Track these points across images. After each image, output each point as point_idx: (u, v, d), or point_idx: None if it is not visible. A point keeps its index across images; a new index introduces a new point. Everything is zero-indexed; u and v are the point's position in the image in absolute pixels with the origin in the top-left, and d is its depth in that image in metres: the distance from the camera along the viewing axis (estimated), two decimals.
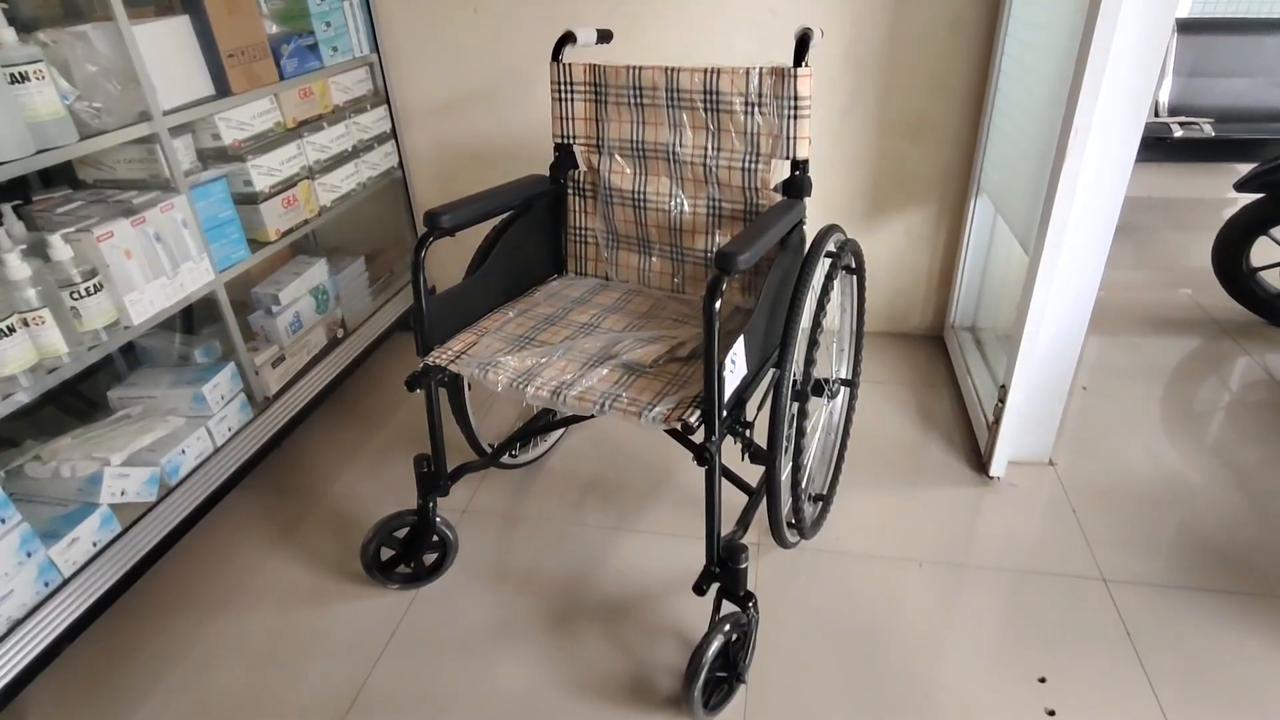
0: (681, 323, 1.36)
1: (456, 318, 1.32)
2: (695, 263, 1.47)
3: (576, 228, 1.55)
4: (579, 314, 1.39)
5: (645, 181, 1.45)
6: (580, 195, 1.53)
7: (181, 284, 1.46)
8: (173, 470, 1.45)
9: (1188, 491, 1.63)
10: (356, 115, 1.98)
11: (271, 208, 1.68)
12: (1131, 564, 1.45)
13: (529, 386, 1.15)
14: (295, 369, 1.80)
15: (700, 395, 1.09)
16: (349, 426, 1.97)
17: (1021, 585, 1.42)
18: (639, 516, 1.61)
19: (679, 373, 1.18)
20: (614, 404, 1.10)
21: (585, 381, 1.15)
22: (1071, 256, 1.42)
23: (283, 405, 1.74)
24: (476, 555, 1.53)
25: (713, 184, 1.39)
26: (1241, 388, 1.99)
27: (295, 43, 1.74)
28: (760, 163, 1.33)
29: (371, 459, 1.84)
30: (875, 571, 1.47)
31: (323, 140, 1.85)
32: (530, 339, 1.30)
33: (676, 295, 1.50)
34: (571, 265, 1.59)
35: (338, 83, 1.91)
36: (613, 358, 1.21)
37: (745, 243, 1.01)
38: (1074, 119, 1.27)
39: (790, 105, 1.26)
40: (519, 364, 1.20)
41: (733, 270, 0.98)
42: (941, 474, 1.71)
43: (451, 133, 2.21)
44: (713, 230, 1.43)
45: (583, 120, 1.45)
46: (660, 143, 1.40)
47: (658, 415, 1.06)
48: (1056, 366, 1.57)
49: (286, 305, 1.77)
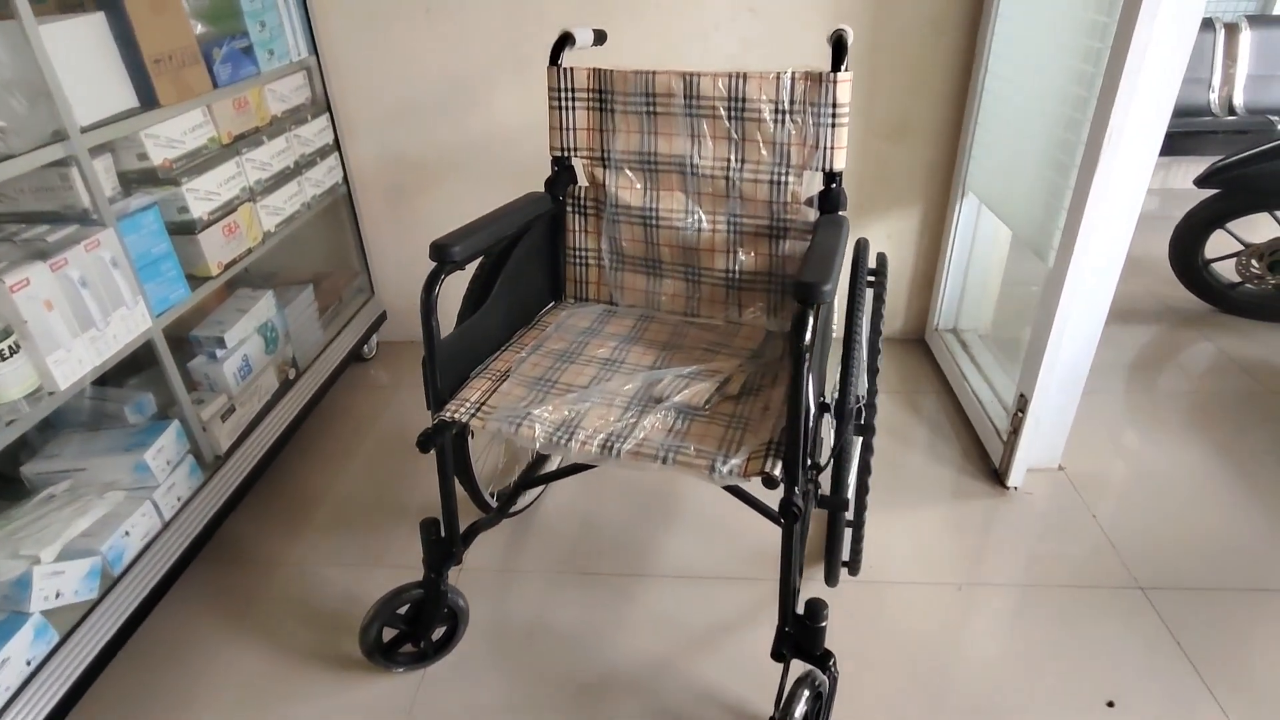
0: (714, 352, 1.24)
1: (464, 362, 1.16)
2: (714, 284, 1.35)
3: (576, 249, 1.41)
4: (597, 348, 1.25)
5: (657, 197, 1.32)
6: (580, 213, 1.38)
7: (114, 335, 1.22)
8: (116, 558, 1.22)
9: (1195, 486, 1.64)
10: (297, 127, 1.76)
11: (212, 238, 1.45)
12: (1163, 569, 1.44)
13: (572, 441, 1.00)
14: (247, 419, 1.57)
15: (774, 441, 0.97)
16: (310, 476, 1.74)
17: (1063, 602, 1.38)
18: (655, 558, 1.48)
19: (735, 413, 1.06)
20: (677, 456, 0.96)
21: (638, 432, 1.01)
22: (1093, 262, 1.39)
23: (236, 463, 1.51)
24: (483, 620, 1.36)
25: (735, 199, 1.28)
26: (1216, 376, 2.05)
27: (228, 45, 1.50)
28: (790, 175, 1.23)
29: (339, 510, 1.63)
30: (914, 599, 1.39)
31: (263, 156, 1.62)
32: (552, 381, 1.15)
33: (692, 319, 1.38)
34: (570, 290, 1.44)
35: (274, 91, 1.68)
36: (659, 400, 1.07)
37: (824, 269, 0.90)
38: (1109, 120, 1.23)
39: (828, 112, 1.16)
40: (554, 414, 1.04)
41: (819, 302, 0.87)
42: (956, 487, 1.66)
43: (401, 143, 2.01)
44: (734, 249, 1.31)
45: (585, 131, 1.31)
46: (675, 154, 1.28)
47: (733, 468, 0.94)
48: (1071, 373, 1.55)
49: (233, 348, 1.54)
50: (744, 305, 1.34)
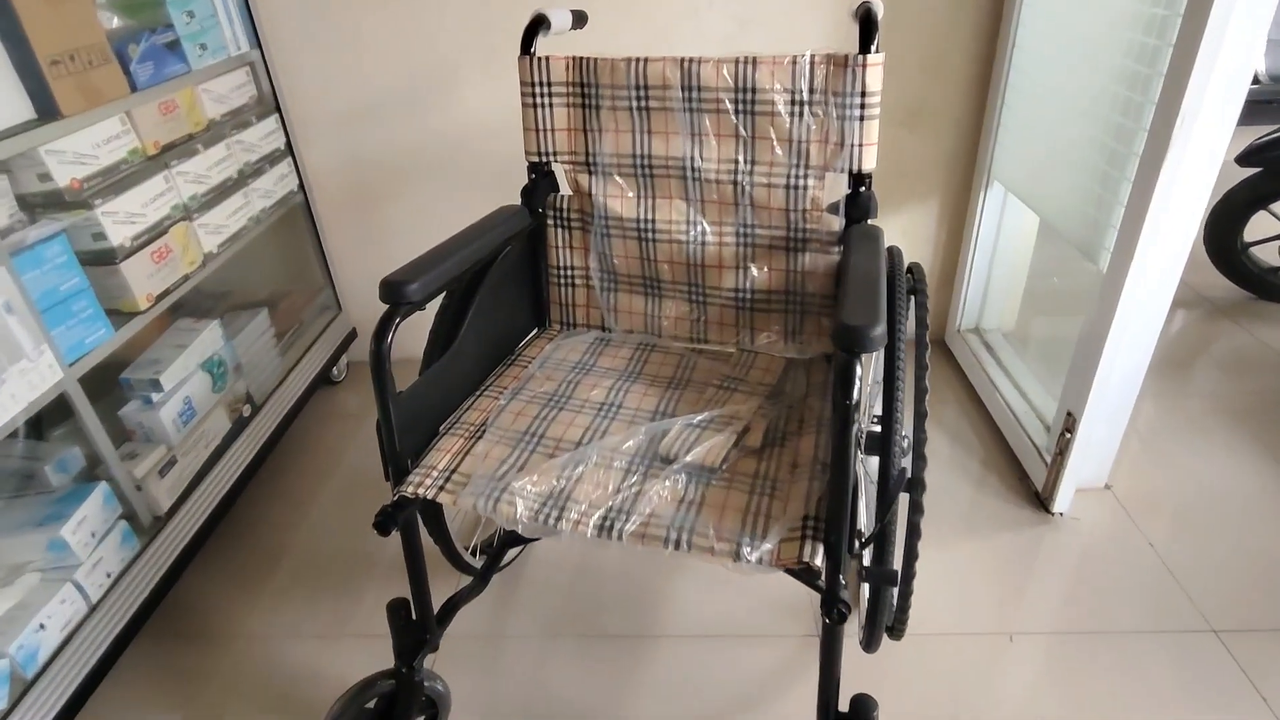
0: (728, 389, 1.05)
1: (431, 416, 0.97)
2: (722, 304, 1.16)
3: (560, 267, 1.21)
4: (590, 388, 1.06)
5: (653, 206, 1.13)
6: (564, 227, 1.19)
7: (13, 394, 1.03)
8: (28, 658, 1.03)
9: (1254, 503, 1.47)
10: (239, 131, 1.55)
11: (138, 266, 1.25)
12: (1234, 606, 1.27)
13: (563, 520, 0.81)
14: (192, 471, 1.37)
15: (812, 516, 0.79)
16: (270, 526, 1.56)
17: (1131, 651, 1.21)
18: (665, 614, 1.30)
19: (759, 473, 0.88)
20: (693, 539, 0.78)
21: (642, 504, 0.82)
22: (1156, 264, 1.21)
23: (181, 522, 1.31)
24: (469, 700, 1.18)
25: (744, 206, 1.09)
26: (1261, 372, 1.88)
27: (148, 41, 1.30)
28: (810, 177, 1.04)
29: (303, 566, 1.44)
30: (962, 655, 1.22)
31: (198, 168, 1.42)
32: (537, 435, 0.96)
33: (698, 344, 1.19)
34: (555, 314, 1.25)
35: (210, 91, 1.47)
36: (668, 460, 0.89)
37: (869, 306, 0.72)
38: (1180, 103, 1.05)
39: (855, 103, 0.97)
40: (540, 485, 0.86)
41: (871, 350, 0.68)
42: (995, 514, 1.49)
43: (363, 145, 1.80)
44: (744, 264, 1.12)
45: (566, 131, 1.11)
46: (673, 156, 1.09)
47: (764, 555, 0.75)
48: (1125, 385, 1.37)
49: (172, 390, 1.34)
50: (757, 329, 1.16)
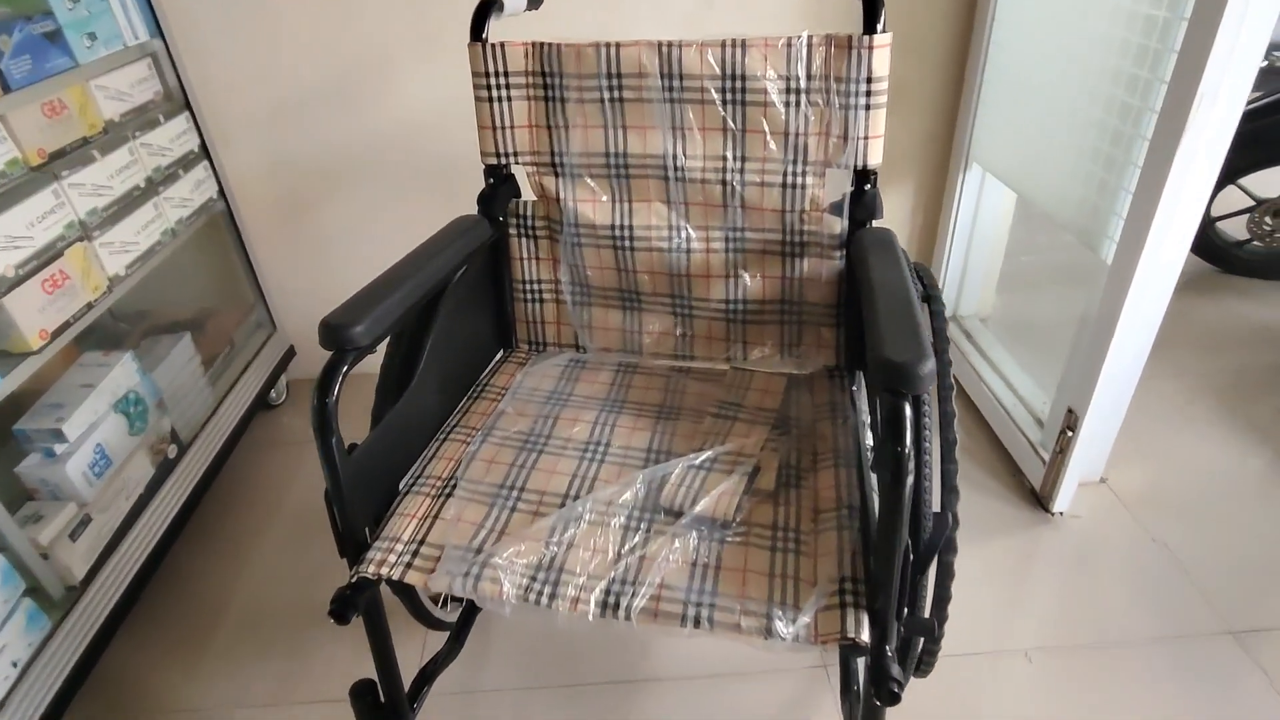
0: (727, 417, 0.94)
1: (389, 473, 0.83)
2: (710, 317, 1.04)
3: (526, 281, 1.08)
4: (570, 423, 0.93)
5: (630, 211, 1.00)
6: (529, 237, 1.05)
7: None
8: None
9: (1252, 488, 1.44)
10: (145, 133, 1.35)
11: (26, 298, 1.07)
12: (1248, 604, 1.23)
13: (557, 599, 0.69)
14: (110, 529, 1.20)
15: (849, 578, 0.68)
16: (209, 577, 1.39)
17: (1152, 663, 1.15)
18: (657, 655, 1.18)
19: (779, 525, 0.77)
20: (715, 615, 0.67)
21: (649, 572, 0.70)
22: (1164, 255, 1.14)
23: (101, 589, 1.14)
24: None
25: (734, 208, 0.97)
26: (1238, 348, 1.86)
27: (22, 31, 1.10)
28: (809, 175, 0.92)
29: (248, 622, 1.28)
30: (977, 676, 1.15)
31: (96, 177, 1.23)
32: (518, 489, 0.83)
33: (683, 361, 1.07)
34: (522, 333, 1.12)
35: (106, 87, 1.28)
36: (673, 513, 0.77)
37: (911, 336, 0.61)
38: (1199, 82, 0.96)
39: (859, 89, 0.86)
40: (526, 554, 0.73)
41: (922, 390, 0.58)
42: (992, 515, 1.42)
43: (289, 145, 1.61)
44: (734, 272, 1.01)
45: (528, 128, 0.97)
46: (652, 154, 0.96)
47: (800, 631, 0.64)
48: (1125, 378, 1.31)
49: (80, 439, 1.16)
50: (750, 343, 1.04)
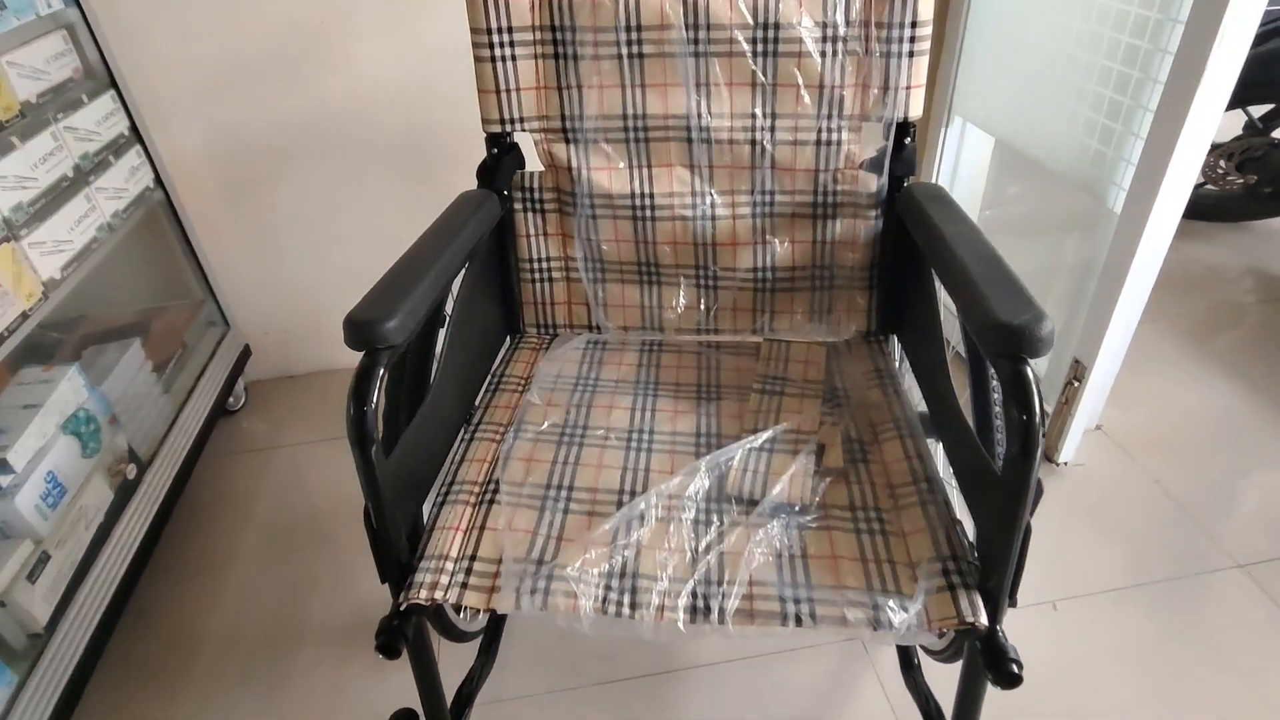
0: (774, 392, 0.88)
1: (420, 484, 0.74)
2: (737, 288, 0.98)
3: (534, 260, 0.99)
4: (605, 411, 0.86)
5: (650, 178, 0.92)
6: (537, 211, 0.96)
7: None
8: None
9: (1240, 426, 1.49)
10: (66, 115, 1.19)
11: None
12: (1251, 537, 1.26)
13: (640, 608, 0.62)
14: (73, 563, 1.07)
15: (951, 555, 0.64)
16: (184, 604, 1.26)
17: (1169, 602, 1.17)
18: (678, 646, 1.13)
19: (856, 503, 0.72)
20: (816, 609, 0.61)
21: (735, 570, 0.65)
22: (1172, 202, 1.13)
23: (67, 635, 1.02)
24: None
25: (763, 170, 0.90)
26: (1200, 290, 1.92)
27: None
28: (845, 130, 0.86)
29: (228, 648, 1.17)
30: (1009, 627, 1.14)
31: (18, 168, 1.07)
32: (566, 488, 0.75)
33: (711, 338, 1.01)
34: (531, 317, 1.03)
35: (18, 64, 1.11)
36: (746, 501, 0.71)
37: (1022, 296, 0.56)
38: (1221, 17, 0.94)
39: (903, 35, 0.80)
40: (595, 562, 0.66)
41: (1044, 353, 0.53)
42: None
43: (232, 123, 1.46)
44: (763, 238, 0.94)
45: (536, 91, 0.88)
46: (674, 115, 0.88)
47: (914, 620, 0.60)
48: (1127, 326, 1.32)
49: (28, 468, 1.02)
50: (779, 311, 0.99)
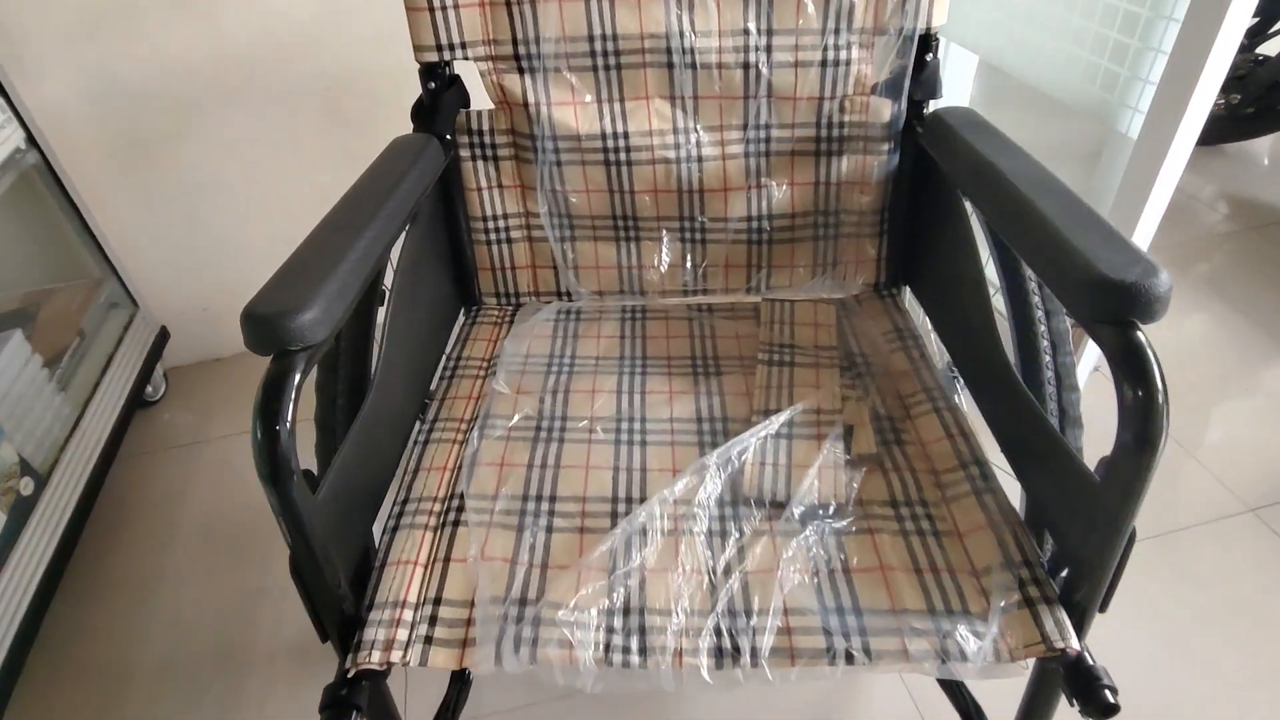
0: (783, 363, 0.75)
1: (362, 511, 0.60)
2: (729, 241, 0.84)
3: (488, 218, 0.84)
4: (587, 397, 0.73)
5: (623, 114, 0.77)
6: (487, 159, 0.80)
7: None
8: None
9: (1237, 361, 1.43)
10: None
11: None
12: (1258, 482, 1.21)
13: (651, 654, 0.50)
14: None
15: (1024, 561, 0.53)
16: (107, 630, 1.11)
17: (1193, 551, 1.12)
18: None
19: (897, 497, 0.60)
20: (872, 644, 0.50)
21: (765, 597, 0.53)
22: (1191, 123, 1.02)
23: None
24: None
25: (758, 100, 0.76)
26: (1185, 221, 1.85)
27: None
28: (855, 46, 0.72)
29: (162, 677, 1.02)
30: None
31: None
32: (548, 499, 0.62)
33: (698, 297, 0.88)
34: (488, 285, 0.88)
35: None
36: (771, 504, 0.59)
37: (1132, 251, 0.45)
38: None
39: None
40: (589, 601, 0.53)
41: (1160, 316, 0.41)
42: None
43: (120, 69, 1.24)
44: (757, 181, 0.81)
45: (479, 8, 0.71)
46: (651, 34, 0.72)
47: (990, 649, 0.49)
48: None
49: None
50: (776, 265, 0.86)
